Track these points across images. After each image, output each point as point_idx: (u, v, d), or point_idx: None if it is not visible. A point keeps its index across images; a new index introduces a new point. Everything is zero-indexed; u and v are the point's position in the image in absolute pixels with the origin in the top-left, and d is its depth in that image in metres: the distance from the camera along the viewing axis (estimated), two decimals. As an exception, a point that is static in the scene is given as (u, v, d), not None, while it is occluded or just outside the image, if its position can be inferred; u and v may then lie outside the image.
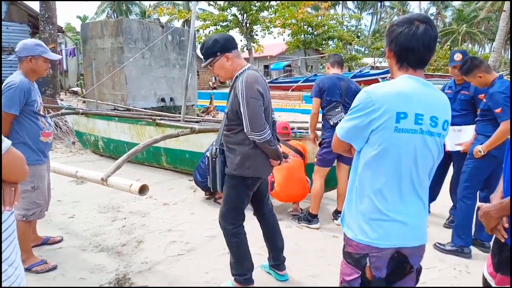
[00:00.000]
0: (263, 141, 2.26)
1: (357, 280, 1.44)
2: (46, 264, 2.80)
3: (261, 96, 2.25)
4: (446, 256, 3.09)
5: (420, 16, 1.42)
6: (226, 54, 2.27)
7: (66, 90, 15.07)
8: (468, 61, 3.06)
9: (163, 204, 4.25)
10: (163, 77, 9.87)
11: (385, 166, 1.39)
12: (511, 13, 11.24)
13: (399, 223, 1.40)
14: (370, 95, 1.38)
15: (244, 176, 2.36)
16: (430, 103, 1.40)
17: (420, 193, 1.44)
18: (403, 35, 1.39)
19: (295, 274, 2.79)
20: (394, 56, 1.44)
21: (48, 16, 8.64)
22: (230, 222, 2.47)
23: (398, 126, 1.35)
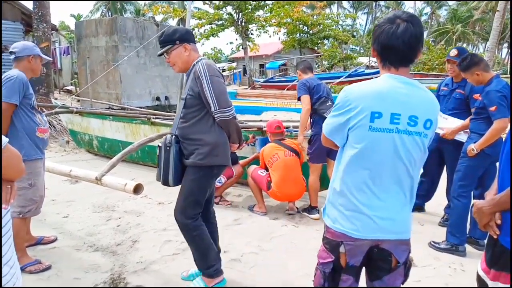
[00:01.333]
0: (231, 117, 2.27)
1: (330, 264, 1.51)
2: (40, 264, 2.77)
3: (221, 75, 2.30)
4: (441, 254, 3.10)
5: (403, 14, 1.41)
6: (185, 45, 2.29)
7: (60, 89, 14.96)
8: (468, 58, 3.05)
9: (158, 203, 4.23)
10: (158, 76, 9.84)
11: (361, 163, 1.43)
12: (511, 13, 11.34)
13: (375, 217, 1.43)
14: (348, 95, 1.43)
15: (212, 165, 2.30)
16: (410, 102, 1.40)
17: (400, 190, 1.46)
18: (384, 34, 1.40)
19: (290, 273, 2.79)
20: (377, 55, 1.46)
21: (41, 14, 8.56)
22: (190, 216, 2.36)
23: (372, 125, 1.38)
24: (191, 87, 2.28)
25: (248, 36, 24.04)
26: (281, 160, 3.84)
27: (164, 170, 2.31)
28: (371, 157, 1.41)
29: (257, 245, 3.24)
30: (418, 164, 1.49)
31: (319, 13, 29.29)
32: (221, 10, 22.59)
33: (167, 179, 2.32)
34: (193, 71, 2.29)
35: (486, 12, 34.74)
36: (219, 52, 40.59)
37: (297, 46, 29.73)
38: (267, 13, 23.08)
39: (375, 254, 1.49)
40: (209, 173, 2.34)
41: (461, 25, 38.53)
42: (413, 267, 2.82)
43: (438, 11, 48.51)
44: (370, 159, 1.42)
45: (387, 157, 1.41)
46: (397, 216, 1.47)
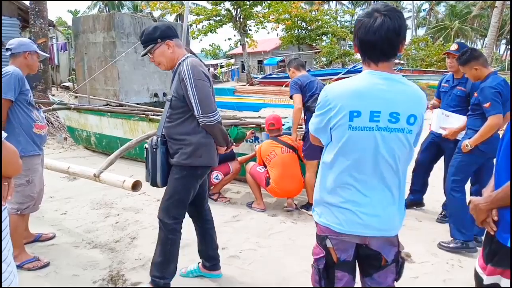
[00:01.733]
0: (215, 122, 2.21)
1: (322, 259, 1.53)
2: (39, 261, 2.77)
3: (207, 78, 2.22)
4: (439, 251, 3.11)
5: (382, 7, 1.38)
6: (167, 41, 2.22)
7: (58, 85, 14.90)
8: (468, 52, 3.04)
9: (156, 200, 4.22)
10: (156, 72, 9.80)
11: (343, 161, 1.44)
12: (511, 11, 11.34)
13: (359, 213, 1.45)
14: (327, 94, 1.44)
15: (196, 165, 2.26)
16: (390, 98, 1.38)
17: (385, 187, 1.45)
18: (362, 29, 1.38)
19: (289, 270, 2.79)
20: (358, 51, 1.45)
21: (38, 10, 8.50)
22: (172, 216, 2.32)
23: (351, 124, 1.39)
24: (176, 89, 2.22)
25: (246, 32, 23.98)
26: (279, 157, 3.85)
27: (152, 171, 2.28)
28: (353, 155, 1.42)
29: (255, 242, 3.24)
30: (404, 161, 1.47)
31: (317, 9, 29.21)
32: (219, 6, 22.50)
33: (155, 180, 2.29)
34: (178, 72, 2.22)
35: (484, 8, 34.74)
36: (217, 48, 40.43)
37: (295, 43, 29.68)
38: (265, 9, 23.02)
39: (364, 252, 1.50)
40: (192, 174, 2.29)
41: (460, 22, 38.50)
42: (411, 263, 2.86)
43: (437, 7, 48.46)
44: (352, 157, 1.42)
45: (369, 155, 1.41)
46: (382, 213, 1.46)
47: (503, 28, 27.47)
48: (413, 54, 21.41)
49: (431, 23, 46.04)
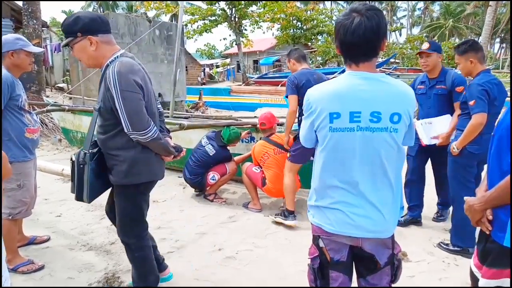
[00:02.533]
0: (149, 140, 1.95)
1: (316, 259, 1.53)
2: (33, 264, 2.74)
3: (139, 88, 1.91)
4: (435, 250, 3.12)
5: (360, 6, 1.36)
6: (89, 37, 1.91)
7: (52, 87, 14.79)
8: (469, 42, 2.93)
9: (152, 202, 4.16)
10: (151, 73, 9.65)
11: (330, 163, 1.45)
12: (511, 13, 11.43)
13: (350, 214, 1.44)
14: (308, 97, 1.46)
15: (136, 183, 2.06)
16: (371, 98, 1.37)
17: (375, 188, 1.43)
18: (341, 30, 1.38)
19: (285, 270, 2.79)
20: (340, 52, 1.44)
21: (31, 10, 8.43)
22: (132, 235, 2.18)
23: (332, 126, 1.40)
24: (103, 99, 1.95)
25: (241, 32, 23.95)
26: (272, 159, 3.85)
27: (78, 188, 2.05)
28: (337, 156, 1.43)
29: (252, 242, 3.24)
30: (394, 161, 1.44)
31: (312, 8, 29.23)
32: (214, 6, 22.45)
33: (81, 197, 2.08)
34: (104, 78, 1.92)
35: (478, 6, 34.94)
36: (212, 48, 40.33)
37: (291, 42, 29.67)
38: (260, 9, 23.00)
39: (358, 254, 1.50)
40: (136, 191, 2.10)
41: (454, 20, 38.69)
42: (407, 262, 2.86)
43: (432, 6, 48.67)
44: (336, 158, 1.43)
45: (352, 156, 1.40)
46: (373, 215, 1.43)
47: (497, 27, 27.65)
48: (408, 53, 21.48)
49: (426, 22, 46.23)
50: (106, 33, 1.99)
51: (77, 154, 2.05)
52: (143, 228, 2.23)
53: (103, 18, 2.01)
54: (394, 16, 51.65)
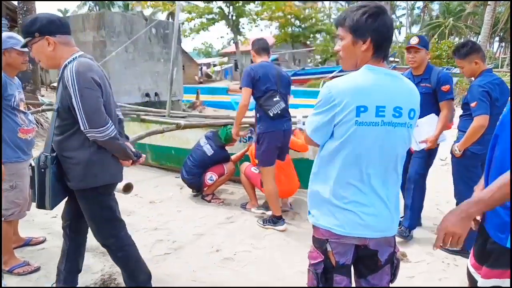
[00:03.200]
0: (106, 138, 1.92)
1: (321, 264, 1.48)
2: (29, 265, 2.71)
3: (97, 86, 1.91)
4: (434, 250, 3.10)
5: (382, 5, 1.42)
6: (47, 37, 1.91)
7: (47, 86, 14.69)
8: (468, 44, 2.89)
9: (149, 202, 4.18)
10: (148, 72, 9.72)
11: (346, 158, 1.40)
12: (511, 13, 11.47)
13: (360, 213, 1.42)
14: (331, 90, 1.39)
15: (94, 186, 2.01)
16: (393, 93, 1.40)
17: (384, 185, 1.44)
18: (383, 24, 1.38)
19: (284, 271, 2.77)
20: (373, 46, 1.40)
21: (26, 9, 8.36)
22: (109, 236, 2.14)
23: (358, 119, 1.36)
24: (60, 98, 1.94)
25: (239, 31, 23.91)
26: None
27: (40, 194, 1.97)
28: (358, 151, 1.39)
29: (250, 243, 3.21)
30: (403, 157, 1.48)
31: (311, 7, 29.22)
32: (211, 4, 22.40)
33: (43, 203, 1.99)
34: (62, 77, 1.93)
35: (477, 6, 35.03)
36: (209, 46, 40.32)
37: (289, 41, 29.67)
38: (258, 7, 22.96)
39: (361, 253, 1.48)
40: (95, 194, 2.04)
41: (454, 19, 38.76)
42: (407, 262, 2.85)
43: (431, 5, 48.73)
44: (357, 154, 1.39)
45: (374, 151, 1.40)
46: (383, 212, 1.45)
47: (496, 26, 27.72)
48: (407, 52, 21.50)
49: (425, 21, 46.29)
50: (64, 34, 1.99)
51: (37, 158, 2.00)
52: (119, 227, 2.17)
53: (62, 20, 2.02)
54: (393, 14, 51.60)
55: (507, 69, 21.63)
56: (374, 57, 1.43)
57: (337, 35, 1.48)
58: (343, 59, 1.49)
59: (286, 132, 3.47)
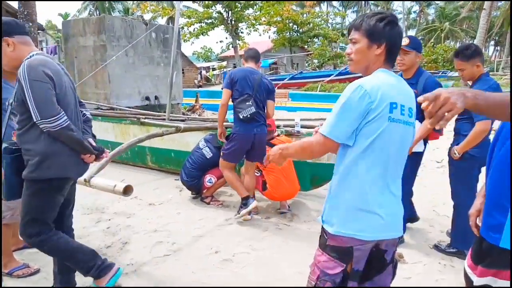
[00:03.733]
0: (57, 128, 1.95)
1: (340, 274, 1.44)
2: (28, 268, 2.72)
3: (49, 79, 1.96)
4: (431, 251, 3.13)
5: (395, 15, 1.52)
6: (5, 38, 1.99)
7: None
8: (473, 47, 2.88)
9: (148, 204, 4.19)
10: (148, 75, 9.74)
11: (377, 157, 1.41)
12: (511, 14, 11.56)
13: (383, 214, 1.43)
14: (364, 87, 1.37)
15: (46, 178, 2.02)
16: (404, 93, 1.48)
17: (397, 184, 1.50)
18: (397, 32, 1.48)
19: (282, 272, 2.78)
20: (386, 52, 1.48)
21: (27, 13, 8.39)
22: (31, 234, 2.11)
23: (391, 116, 1.39)
24: (16, 93, 2.00)
25: (238, 35, 23.98)
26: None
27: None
28: (386, 149, 1.41)
29: (248, 245, 3.23)
30: (405, 156, 1.54)
31: (308, 12, 29.35)
32: (210, 9, 22.48)
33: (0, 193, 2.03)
34: (18, 73, 1.98)
35: (473, 10, 35.24)
36: (209, 50, 40.41)
37: (287, 45, 29.79)
38: (256, 12, 23.04)
39: (373, 255, 1.47)
40: (46, 187, 2.05)
41: (449, 23, 38.98)
42: (404, 263, 2.87)
43: (427, 10, 49.01)
44: (385, 151, 1.41)
45: (396, 149, 1.44)
46: (398, 212, 1.50)
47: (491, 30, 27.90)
48: (404, 56, 21.63)
49: (422, 25, 46.53)
50: (22, 34, 2.06)
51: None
52: (43, 228, 2.12)
53: (19, 22, 2.11)
54: (389, 19, 51.80)
55: (503, 73, 21.74)
56: (385, 62, 1.50)
57: (351, 39, 1.52)
58: (354, 61, 1.52)
59: (257, 136, 3.60)
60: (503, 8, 22.28)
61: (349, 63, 1.57)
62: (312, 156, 1.58)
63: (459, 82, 13.92)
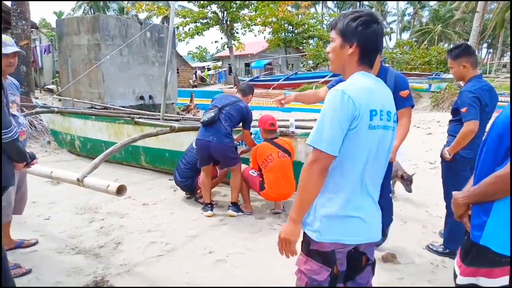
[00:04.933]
0: (8, 140, 1.99)
1: (328, 278, 1.44)
2: (20, 268, 2.70)
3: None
4: (423, 251, 3.15)
5: (375, 15, 1.44)
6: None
7: (41, 88, 14.60)
8: (463, 46, 2.92)
9: (142, 204, 4.18)
10: (142, 75, 9.71)
11: (355, 162, 1.39)
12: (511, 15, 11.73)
13: (360, 219, 1.42)
14: (348, 94, 1.32)
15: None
16: (384, 98, 1.45)
17: (376, 187, 1.49)
18: (371, 32, 1.40)
19: (276, 273, 2.79)
20: (359, 52, 1.43)
21: (20, 11, 8.34)
22: None
23: (371, 123, 1.36)
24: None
25: (233, 35, 23.99)
26: (276, 162, 3.79)
27: None
28: (364, 154, 1.39)
29: (243, 245, 3.23)
30: (386, 160, 1.50)
31: (303, 13, 29.43)
32: (205, 9, 22.46)
33: None
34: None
35: (466, 12, 35.57)
36: (204, 50, 40.34)
37: (282, 45, 29.84)
38: (252, 12, 23.06)
39: (351, 256, 1.48)
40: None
41: (443, 25, 39.29)
42: (396, 264, 2.89)
43: (421, 12, 49.37)
44: (363, 156, 1.39)
45: (374, 153, 1.42)
46: (377, 214, 1.50)
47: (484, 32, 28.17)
48: (398, 58, 21.73)
49: (416, 27, 46.85)
50: None
51: None
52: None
53: None
54: (384, 20, 52.28)
55: (495, 75, 21.96)
56: (360, 63, 1.44)
57: (331, 38, 1.51)
58: (331, 60, 1.51)
59: (213, 144, 3.74)
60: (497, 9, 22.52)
61: (329, 62, 1.57)
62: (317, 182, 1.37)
63: (452, 84, 14.02)
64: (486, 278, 1.47)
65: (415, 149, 6.62)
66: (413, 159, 5.92)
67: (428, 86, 15.81)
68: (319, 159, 1.33)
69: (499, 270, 1.45)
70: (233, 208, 3.91)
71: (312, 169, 1.34)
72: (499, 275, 1.45)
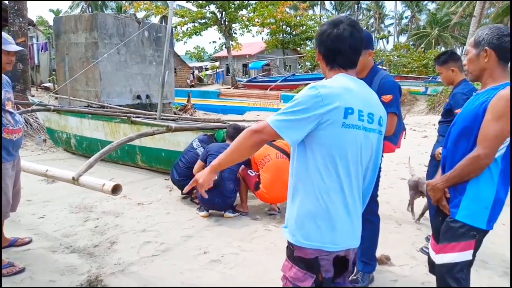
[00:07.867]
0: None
1: (313, 285, 1.41)
2: (13, 266, 2.68)
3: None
4: (417, 254, 3.16)
5: (346, 19, 1.45)
6: None
7: (38, 86, 14.52)
8: (448, 52, 3.08)
9: (137, 204, 4.16)
10: (139, 74, 9.69)
11: (333, 164, 1.36)
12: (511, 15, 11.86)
13: (341, 224, 1.39)
14: (319, 90, 1.34)
15: None
16: (366, 99, 1.44)
17: (360, 193, 1.47)
18: (331, 38, 1.43)
19: (271, 273, 2.79)
20: (323, 58, 1.48)
21: (17, 8, 8.30)
22: None
23: (345, 121, 1.34)
24: None
25: (231, 36, 24.00)
26: (273, 162, 3.80)
27: None
28: (343, 155, 1.36)
29: (237, 246, 3.23)
30: (374, 163, 1.50)
31: (302, 14, 29.49)
32: (204, 9, 22.46)
33: None
34: None
35: (463, 17, 35.77)
36: (202, 50, 40.25)
37: (280, 47, 29.89)
38: (250, 13, 23.09)
39: (336, 261, 1.44)
40: None
41: (440, 29, 39.50)
42: (391, 266, 2.90)
43: (418, 15, 49.62)
44: (342, 158, 1.36)
45: (355, 155, 1.39)
46: (358, 219, 1.47)
47: (481, 37, 28.24)
48: (395, 61, 21.84)
49: (413, 30, 47.07)
50: None
51: None
52: None
53: None
54: (381, 24, 52.53)
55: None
56: (330, 68, 1.47)
57: None
58: None
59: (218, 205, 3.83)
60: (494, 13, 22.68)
61: None
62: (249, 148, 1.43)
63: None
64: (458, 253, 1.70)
65: (411, 152, 6.65)
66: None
67: (424, 89, 15.92)
68: (262, 130, 1.38)
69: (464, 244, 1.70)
70: (229, 210, 3.90)
71: (252, 136, 1.40)
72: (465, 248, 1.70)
